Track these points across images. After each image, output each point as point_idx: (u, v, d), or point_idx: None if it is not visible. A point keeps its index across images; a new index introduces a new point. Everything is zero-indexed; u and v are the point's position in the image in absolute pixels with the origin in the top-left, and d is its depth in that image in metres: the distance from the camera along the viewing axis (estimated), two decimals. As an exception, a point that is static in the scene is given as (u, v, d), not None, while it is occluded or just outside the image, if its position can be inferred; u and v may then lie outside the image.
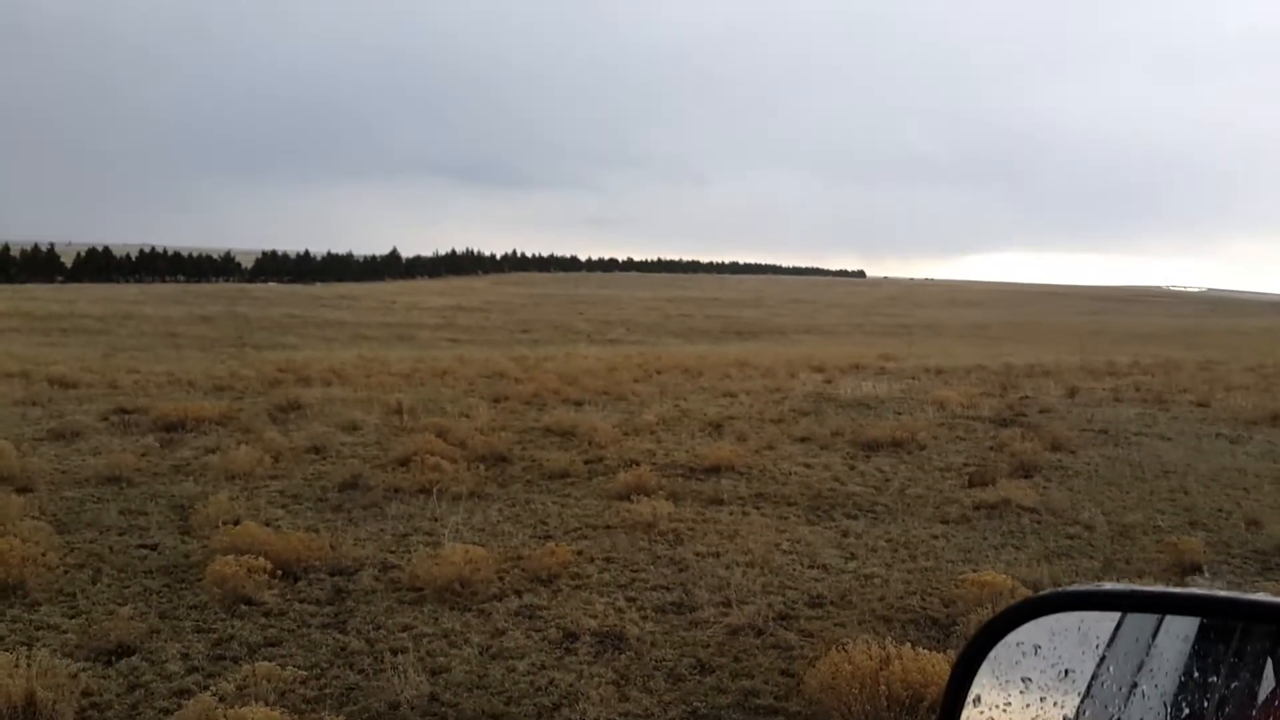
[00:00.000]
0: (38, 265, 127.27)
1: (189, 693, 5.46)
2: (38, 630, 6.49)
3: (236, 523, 8.63)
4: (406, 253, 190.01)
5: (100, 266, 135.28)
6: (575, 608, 7.11)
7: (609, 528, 9.41)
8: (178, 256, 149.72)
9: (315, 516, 9.70)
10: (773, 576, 7.94)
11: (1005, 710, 1.20)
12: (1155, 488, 11.59)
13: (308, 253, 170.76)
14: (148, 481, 11.01)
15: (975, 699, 1.19)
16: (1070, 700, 1.17)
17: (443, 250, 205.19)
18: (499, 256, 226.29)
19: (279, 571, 7.40)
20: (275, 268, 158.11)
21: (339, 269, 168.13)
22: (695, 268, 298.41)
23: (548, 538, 8.92)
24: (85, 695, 5.43)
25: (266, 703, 5.13)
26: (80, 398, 17.97)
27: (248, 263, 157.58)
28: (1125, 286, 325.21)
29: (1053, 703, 1.18)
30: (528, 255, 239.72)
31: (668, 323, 78.03)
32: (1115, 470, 12.56)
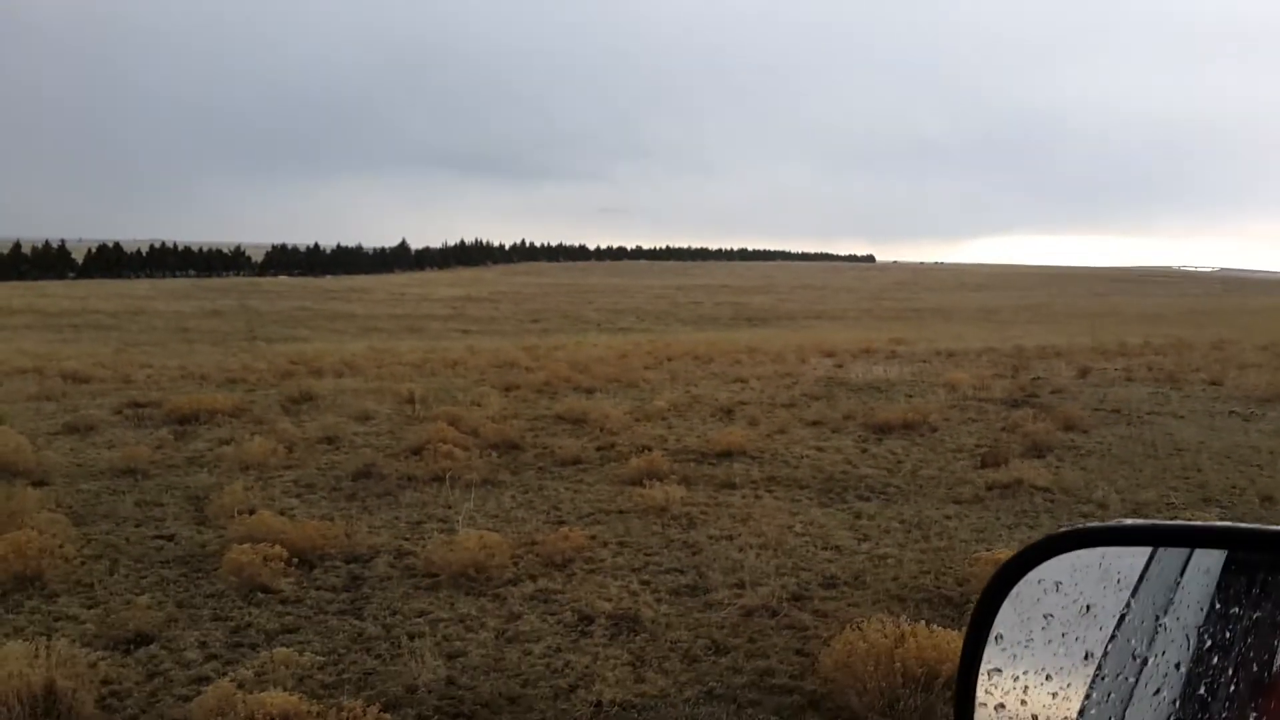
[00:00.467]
0: (49, 262, 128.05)
1: (208, 679, 5.49)
2: (56, 621, 6.54)
3: (252, 512, 8.65)
4: (416, 244, 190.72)
5: (111, 262, 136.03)
6: (590, 591, 7.13)
7: (622, 512, 9.42)
8: (188, 251, 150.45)
9: (330, 505, 9.74)
10: (786, 558, 7.94)
11: (1027, 646, 1.21)
12: (1168, 465, 11.54)
13: (318, 246, 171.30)
14: (162, 473, 11.06)
15: (997, 636, 1.21)
16: (1092, 634, 1.19)
17: (452, 241, 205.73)
18: (508, 247, 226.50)
19: (295, 559, 7.44)
20: (285, 261, 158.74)
21: (349, 261, 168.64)
22: (705, 255, 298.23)
23: (561, 523, 8.93)
24: (105, 683, 5.47)
25: (285, 688, 5.16)
26: (94, 392, 18.09)
27: (258, 257, 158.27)
28: (1137, 267, 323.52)
29: (1075, 637, 1.20)
30: (537, 245, 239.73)
31: (677, 310, 77.99)
32: (1128, 449, 12.51)
